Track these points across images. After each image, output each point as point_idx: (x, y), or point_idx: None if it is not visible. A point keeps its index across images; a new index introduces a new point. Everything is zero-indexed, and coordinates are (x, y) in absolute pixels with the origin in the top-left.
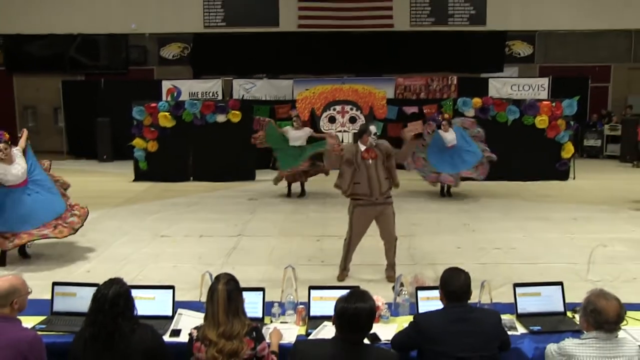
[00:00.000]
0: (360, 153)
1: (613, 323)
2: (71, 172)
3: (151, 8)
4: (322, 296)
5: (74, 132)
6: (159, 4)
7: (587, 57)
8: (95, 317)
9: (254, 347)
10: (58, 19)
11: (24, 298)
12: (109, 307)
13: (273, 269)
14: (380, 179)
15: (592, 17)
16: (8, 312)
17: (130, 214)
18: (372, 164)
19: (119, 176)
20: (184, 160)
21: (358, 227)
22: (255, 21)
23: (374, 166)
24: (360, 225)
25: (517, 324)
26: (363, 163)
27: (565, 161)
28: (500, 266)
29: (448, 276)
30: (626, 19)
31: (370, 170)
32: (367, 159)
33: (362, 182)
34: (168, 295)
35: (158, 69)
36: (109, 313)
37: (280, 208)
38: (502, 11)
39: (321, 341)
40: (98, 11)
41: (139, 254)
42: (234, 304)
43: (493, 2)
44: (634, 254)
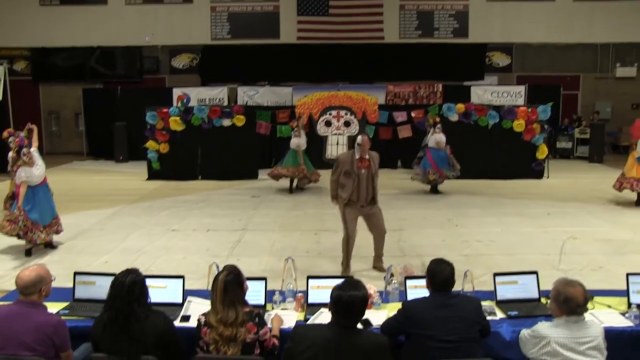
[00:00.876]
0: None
1: (582, 306)
2: (91, 171)
3: (163, 22)
4: (319, 285)
5: (93, 135)
6: (170, 18)
7: (559, 67)
8: (113, 302)
9: (257, 331)
10: (79, 33)
11: (49, 285)
12: (125, 293)
13: (274, 260)
14: (368, 188)
15: (563, 32)
16: (36, 298)
17: (144, 210)
18: (364, 174)
19: (133, 175)
20: (192, 160)
21: (351, 224)
22: (258, 34)
23: (364, 176)
24: (352, 220)
25: (497, 309)
26: (356, 172)
27: (540, 162)
28: (481, 257)
29: (434, 267)
30: (593, 34)
31: (361, 180)
32: (360, 168)
33: (348, 187)
34: (178, 284)
35: (169, 77)
36: (125, 298)
37: (281, 205)
38: (483, 25)
39: (318, 326)
40: (115, 26)
41: (152, 246)
42: (229, 295)
43: (475, 17)
44: (600, 245)
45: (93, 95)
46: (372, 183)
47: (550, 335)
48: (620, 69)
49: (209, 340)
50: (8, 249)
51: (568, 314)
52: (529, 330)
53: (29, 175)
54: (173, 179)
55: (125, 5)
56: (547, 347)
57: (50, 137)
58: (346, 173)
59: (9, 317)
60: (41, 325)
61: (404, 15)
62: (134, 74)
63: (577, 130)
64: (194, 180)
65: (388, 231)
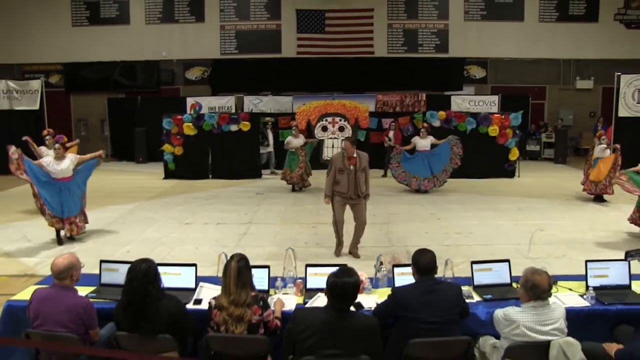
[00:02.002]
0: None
1: (547, 292)
2: (114, 171)
3: (178, 39)
4: (316, 272)
5: (117, 139)
6: (184, 35)
7: (527, 79)
8: (131, 285)
9: (261, 313)
10: (105, 49)
11: (79, 271)
12: (142, 276)
13: (277, 250)
14: (357, 182)
15: (531, 49)
16: (68, 282)
17: (161, 205)
18: (353, 169)
19: (151, 175)
20: (204, 161)
21: (339, 212)
22: (262, 49)
23: (353, 171)
24: (340, 209)
25: (474, 293)
26: (348, 167)
27: (512, 162)
28: (460, 247)
29: (418, 255)
30: (556, 51)
31: (350, 175)
32: (350, 164)
33: (343, 183)
34: (191, 271)
35: (183, 88)
36: (142, 281)
37: (282, 201)
38: (461, 42)
39: (315, 309)
40: (136, 43)
41: (168, 238)
42: (242, 278)
43: (454, 34)
44: (564, 236)
45: (116, 104)
46: (356, 178)
47: (519, 320)
48: (579, 81)
49: (219, 320)
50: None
51: (535, 299)
52: (502, 312)
53: (48, 163)
54: (187, 178)
55: (145, 25)
56: (516, 329)
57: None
58: (340, 170)
59: (46, 298)
60: (73, 306)
61: (391, 33)
62: (152, 85)
63: (544, 135)
64: (205, 179)
65: (378, 224)
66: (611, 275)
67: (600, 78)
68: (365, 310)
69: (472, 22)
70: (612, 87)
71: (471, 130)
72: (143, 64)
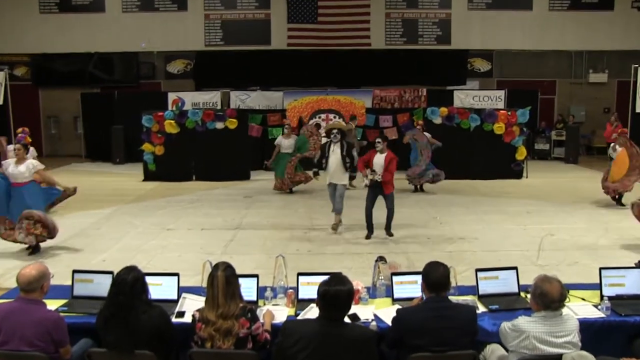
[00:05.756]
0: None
1: (557, 302)
2: (89, 173)
3: (159, 29)
4: (309, 281)
5: (92, 138)
6: (165, 25)
7: (536, 73)
8: (117, 298)
9: (250, 326)
10: (77, 39)
11: (49, 282)
12: (129, 289)
13: (266, 258)
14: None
15: (540, 40)
16: (38, 295)
17: (140, 209)
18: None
19: (130, 177)
20: (187, 162)
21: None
22: (249, 40)
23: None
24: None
25: (479, 303)
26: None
27: (519, 162)
28: (464, 254)
29: (429, 268)
30: (566, 42)
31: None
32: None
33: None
34: (173, 281)
35: (165, 82)
36: (128, 294)
37: (272, 204)
38: (464, 33)
39: (307, 320)
40: (112, 32)
41: (148, 245)
42: (231, 288)
43: (457, 25)
44: (575, 241)
45: (91, 99)
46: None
47: (528, 330)
48: (593, 75)
49: (204, 335)
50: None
51: (544, 308)
52: (510, 323)
53: (6, 166)
54: (168, 180)
55: (122, 13)
56: (525, 340)
57: (50, 140)
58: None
59: (11, 313)
60: (41, 322)
61: (389, 23)
62: (130, 79)
63: (553, 132)
64: (188, 181)
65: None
66: (628, 284)
67: (615, 71)
68: (361, 321)
69: (476, 11)
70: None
71: (475, 127)
72: (120, 56)
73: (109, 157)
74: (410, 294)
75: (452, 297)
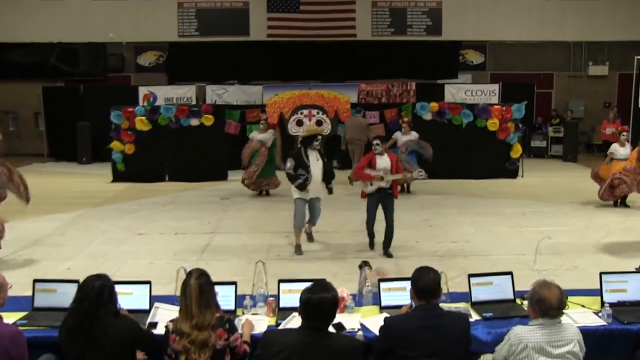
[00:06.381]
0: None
1: (556, 309)
2: (52, 173)
3: (128, 18)
4: (290, 289)
5: (55, 135)
6: (135, 14)
7: (532, 65)
8: (81, 305)
9: (227, 337)
10: (38, 28)
11: (6, 293)
12: (94, 295)
13: (245, 263)
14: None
15: (536, 30)
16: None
17: (109, 213)
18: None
19: (97, 177)
20: (159, 161)
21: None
22: (227, 31)
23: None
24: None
25: (472, 311)
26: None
27: (514, 161)
28: (455, 258)
29: (418, 274)
30: (565, 33)
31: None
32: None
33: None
34: (145, 290)
35: (135, 75)
36: (94, 301)
37: (251, 206)
38: (456, 23)
39: (288, 330)
40: (77, 21)
41: (117, 251)
42: (205, 297)
43: (448, 14)
44: (574, 244)
45: (54, 93)
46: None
47: (525, 340)
48: (592, 67)
49: (179, 348)
50: None
51: (542, 315)
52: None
53: None
54: (139, 181)
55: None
56: (523, 352)
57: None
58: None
59: None
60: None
61: (376, 12)
62: (97, 72)
63: (550, 128)
64: (161, 182)
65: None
66: (630, 290)
67: (617, 63)
68: (347, 331)
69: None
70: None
71: (468, 124)
72: (86, 46)
73: (74, 157)
74: (398, 301)
75: (444, 304)
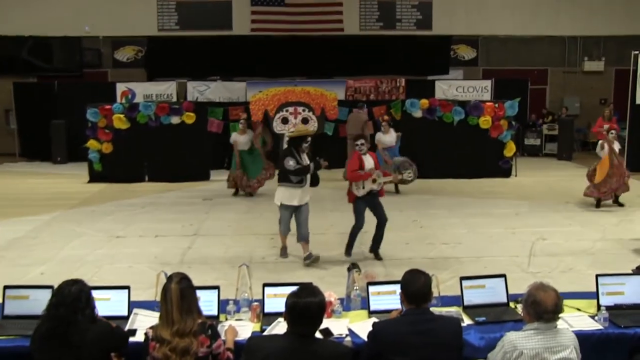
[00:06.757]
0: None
1: (551, 312)
2: (24, 174)
3: (105, 11)
4: (276, 293)
5: (27, 134)
6: (113, 7)
7: (526, 61)
8: (56, 311)
9: (210, 344)
10: (8, 20)
11: None
12: (71, 301)
13: (228, 267)
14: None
15: (529, 24)
16: None
17: (85, 215)
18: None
19: (73, 178)
20: (138, 161)
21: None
22: (208, 25)
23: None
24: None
25: (464, 315)
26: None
27: (508, 159)
28: (447, 260)
29: (408, 278)
30: (560, 26)
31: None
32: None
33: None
34: (123, 295)
35: (112, 71)
36: (70, 307)
37: (235, 208)
38: (447, 17)
39: (273, 336)
40: (50, 13)
41: (94, 255)
42: (187, 302)
43: (439, 8)
44: (570, 246)
45: (26, 90)
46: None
47: (520, 347)
48: (588, 62)
49: (159, 355)
50: None
51: (537, 319)
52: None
53: None
54: (117, 182)
55: None
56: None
57: None
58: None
59: None
60: None
61: (364, 6)
62: (72, 68)
63: (545, 126)
64: (140, 182)
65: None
66: (628, 292)
67: (613, 58)
68: (335, 337)
69: None
70: (627, 69)
71: (459, 121)
72: (60, 40)
73: (48, 156)
74: (388, 305)
75: (435, 308)
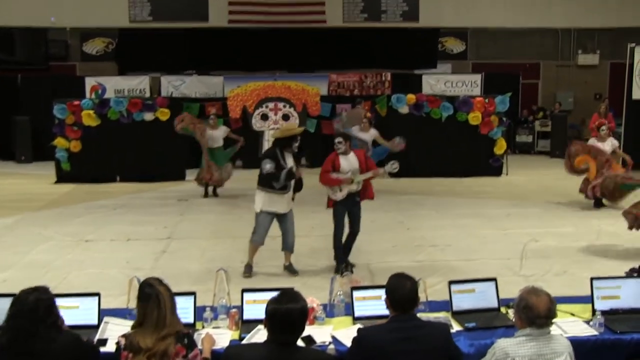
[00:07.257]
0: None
1: (544, 318)
2: None
3: (72, 0)
4: (255, 299)
5: None
6: None
7: (517, 54)
8: (14, 322)
9: (186, 354)
10: None
11: None
12: (27, 310)
13: (204, 272)
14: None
15: (521, 15)
16: None
17: (53, 218)
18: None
19: (39, 178)
20: (109, 160)
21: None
22: (183, 16)
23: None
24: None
25: (453, 321)
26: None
27: (498, 157)
28: (435, 263)
29: (394, 283)
30: (552, 18)
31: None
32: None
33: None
34: (93, 302)
35: (81, 64)
36: (27, 317)
37: (211, 209)
38: (434, 8)
39: (253, 345)
40: (13, 2)
41: (62, 260)
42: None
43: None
44: (563, 247)
45: None
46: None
47: (512, 354)
48: (582, 56)
49: None
50: None
51: (529, 324)
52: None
53: None
54: (87, 182)
55: None
56: None
57: None
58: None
59: None
60: None
61: None
62: (37, 61)
63: (537, 122)
64: (111, 182)
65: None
66: (623, 296)
67: (608, 51)
68: (317, 345)
69: None
70: (622, 63)
71: (447, 117)
72: (24, 32)
73: (11, 155)
74: (373, 311)
75: (422, 314)
